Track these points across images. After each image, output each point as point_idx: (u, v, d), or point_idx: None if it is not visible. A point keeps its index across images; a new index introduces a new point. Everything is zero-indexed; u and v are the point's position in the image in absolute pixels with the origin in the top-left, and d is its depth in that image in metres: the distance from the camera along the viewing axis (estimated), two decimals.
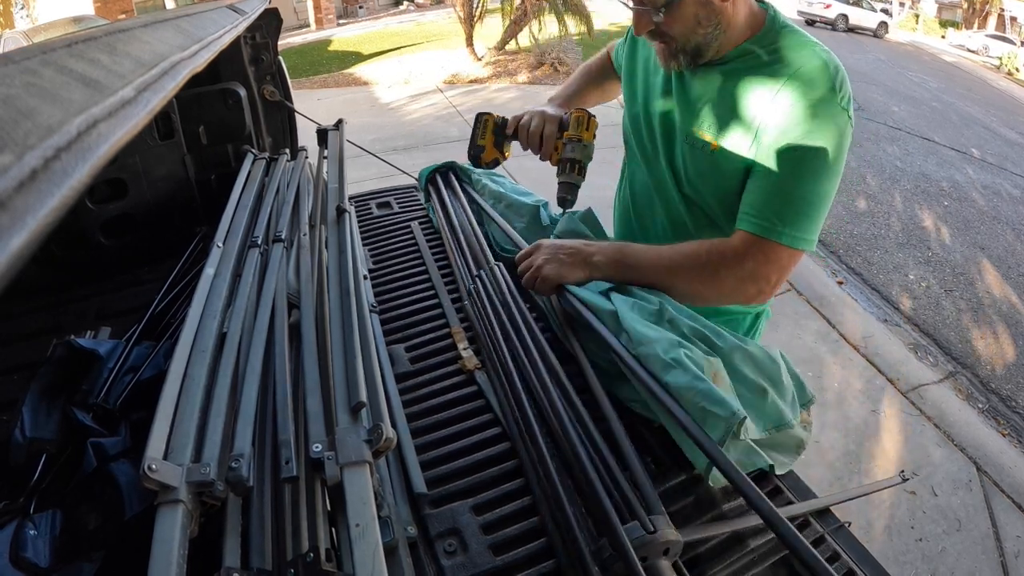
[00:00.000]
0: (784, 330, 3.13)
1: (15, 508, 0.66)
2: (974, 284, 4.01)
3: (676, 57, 0.96)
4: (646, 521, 0.63)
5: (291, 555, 0.54)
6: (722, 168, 0.96)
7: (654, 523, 0.63)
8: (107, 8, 11.85)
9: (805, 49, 0.91)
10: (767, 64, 0.92)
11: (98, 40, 0.41)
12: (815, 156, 0.87)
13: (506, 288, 1.03)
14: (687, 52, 0.95)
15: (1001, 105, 10.64)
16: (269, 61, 1.51)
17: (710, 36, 0.93)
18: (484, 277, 1.08)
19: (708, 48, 0.94)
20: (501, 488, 0.78)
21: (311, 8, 15.06)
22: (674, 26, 0.91)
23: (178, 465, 0.54)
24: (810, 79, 0.88)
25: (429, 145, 5.44)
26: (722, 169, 0.96)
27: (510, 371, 0.89)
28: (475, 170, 1.47)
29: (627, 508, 0.66)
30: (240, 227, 1.00)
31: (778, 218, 0.87)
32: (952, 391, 2.89)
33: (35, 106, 0.27)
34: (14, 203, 0.21)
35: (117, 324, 0.98)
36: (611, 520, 0.64)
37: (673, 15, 0.90)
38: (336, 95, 7.85)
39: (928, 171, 5.90)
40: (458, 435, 0.86)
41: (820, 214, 0.89)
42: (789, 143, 0.87)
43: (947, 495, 2.27)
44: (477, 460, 0.82)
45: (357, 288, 0.82)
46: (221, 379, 0.67)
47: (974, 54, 18.98)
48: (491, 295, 1.04)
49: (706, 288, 0.95)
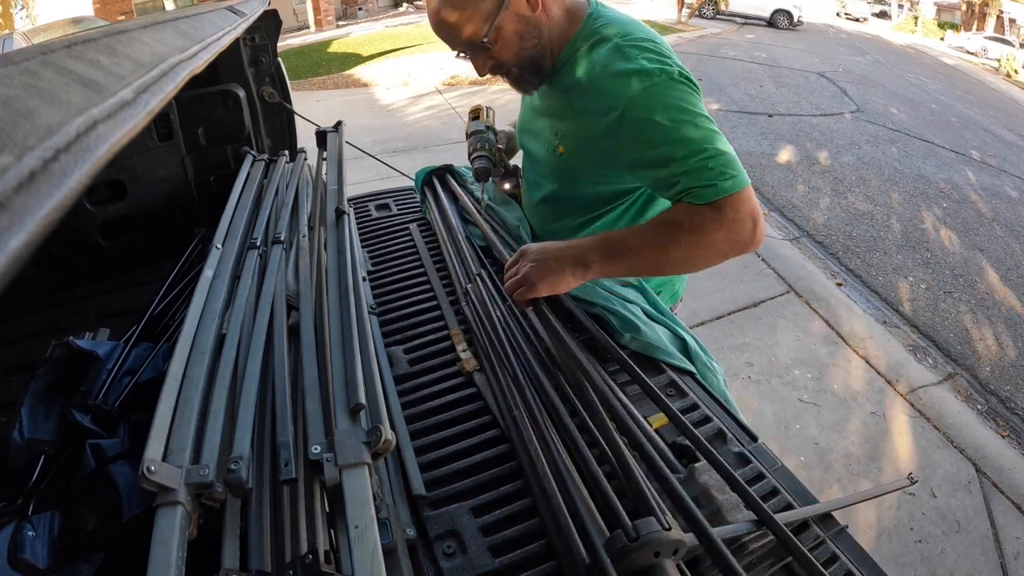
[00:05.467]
0: (783, 332, 3.13)
1: (14, 509, 0.65)
2: (973, 286, 4.01)
3: (524, 81, 1.02)
4: (661, 518, 0.64)
5: (290, 557, 0.54)
6: (573, 170, 1.05)
7: (668, 521, 0.64)
8: (106, 9, 11.85)
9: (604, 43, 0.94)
10: (587, 64, 0.96)
11: (97, 41, 0.41)
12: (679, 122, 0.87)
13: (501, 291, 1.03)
14: (528, 70, 1.00)
15: (1000, 107, 10.65)
16: (268, 63, 1.52)
17: (537, 47, 0.97)
18: (483, 278, 1.09)
19: (542, 59, 1.00)
20: (500, 490, 0.78)
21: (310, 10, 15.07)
22: (504, 52, 0.96)
23: (177, 467, 0.54)
24: (619, 68, 0.90)
25: (428, 147, 5.44)
26: (574, 171, 1.05)
27: (510, 372, 0.89)
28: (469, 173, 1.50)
29: (643, 504, 0.66)
30: (239, 228, 1.00)
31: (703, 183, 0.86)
32: (951, 392, 2.89)
33: (34, 107, 0.27)
34: (13, 204, 0.21)
35: (116, 325, 0.98)
36: (621, 515, 0.64)
37: (499, 43, 0.94)
38: (335, 97, 7.86)
39: (927, 173, 5.91)
40: (457, 437, 0.86)
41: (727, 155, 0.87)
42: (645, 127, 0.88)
43: (946, 496, 2.27)
44: (476, 462, 0.82)
45: (356, 290, 0.82)
46: (220, 380, 0.67)
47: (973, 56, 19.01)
48: (484, 299, 1.04)
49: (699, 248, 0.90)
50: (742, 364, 2.86)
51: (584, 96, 0.96)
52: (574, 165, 1.05)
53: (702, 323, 3.10)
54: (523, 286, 0.96)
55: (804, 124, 6.84)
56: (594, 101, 0.94)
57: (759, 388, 2.72)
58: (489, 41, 0.93)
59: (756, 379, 2.78)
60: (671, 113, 0.87)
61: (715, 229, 0.88)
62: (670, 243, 0.91)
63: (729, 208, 0.86)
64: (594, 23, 0.98)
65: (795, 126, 6.74)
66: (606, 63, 0.92)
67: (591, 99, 0.95)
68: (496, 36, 0.93)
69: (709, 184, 0.86)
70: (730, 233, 0.88)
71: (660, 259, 0.93)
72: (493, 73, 1.02)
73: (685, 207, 0.89)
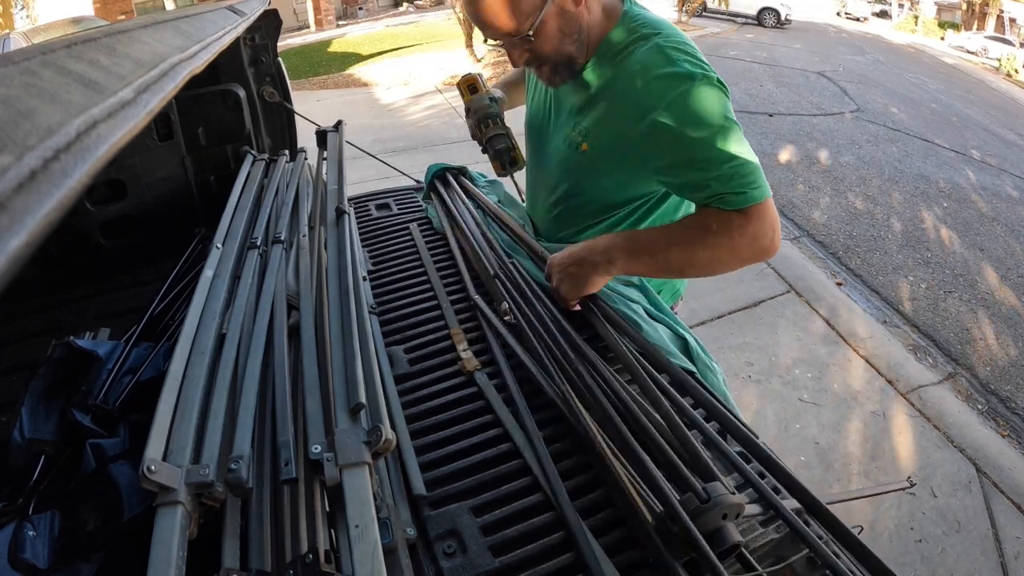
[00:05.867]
0: (784, 331, 3.13)
1: (14, 509, 0.66)
2: (974, 285, 4.01)
3: (557, 74, 1.02)
4: (726, 483, 0.67)
5: (290, 556, 0.54)
6: (597, 168, 1.05)
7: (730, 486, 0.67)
8: (107, 9, 11.85)
9: (646, 42, 0.94)
10: (624, 64, 0.96)
11: (98, 41, 0.41)
12: (713, 128, 0.88)
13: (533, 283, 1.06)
14: (563, 65, 1.00)
15: (1000, 106, 10.64)
16: (268, 62, 1.52)
17: (576, 42, 0.98)
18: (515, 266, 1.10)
19: (579, 54, 1.00)
20: (500, 489, 0.78)
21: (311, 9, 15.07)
22: (544, 45, 0.96)
23: (177, 466, 0.54)
24: (661, 71, 0.91)
25: (429, 146, 5.44)
26: (597, 169, 1.05)
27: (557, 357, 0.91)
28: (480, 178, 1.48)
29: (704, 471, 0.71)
30: (239, 228, 1.00)
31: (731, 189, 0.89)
32: (952, 392, 2.89)
33: (35, 107, 0.27)
34: (13, 204, 0.21)
35: (116, 325, 0.98)
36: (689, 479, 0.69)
37: (541, 36, 0.94)
38: (335, 96, 7.86)
39: (927, 172, 5.90)
40: (457, 436, 0.86)
41: (755, 164, 0.90)
42: (685, 136, 0.89)
43: (947, 496, 2.27)
44: (476, 461, 0.82)
45: (356, 289, 0.82)
46: (220, 380, 0.67)
47: (973, 55, 18.97)
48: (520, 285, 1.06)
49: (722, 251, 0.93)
50: (742, 364, 2.86)
51: (621, 94, 0.96)
52: (598, 164, 1.04)
53: (702, 322, 3.10)
54: (558, 296, 1.00)
55: (804, 123, 6.84)
56: (632, 100, 0.94)
57: (759, 388, 2.72)
58: (532, 34, 0.93)
59: (756, 379, 2.78)
60: (710, 118, 0.89)
61: (740, 235, 0.90)
62: (696, 245, 0.93)
63: (755, 215, 0.90)
64: (632, 22, 0.98)
65: (795, 125, 6.73)
66: (648, 63, 0.92)
67: (629, 97, 0.94)
68: (539, 30, 0.93)
69: (740, 191, 0.88)
70: (753, 240, 0.91)
71: (684, 260, 0.96)
72: (528, 65, 1.02)
73: (712, 212, 0.92)
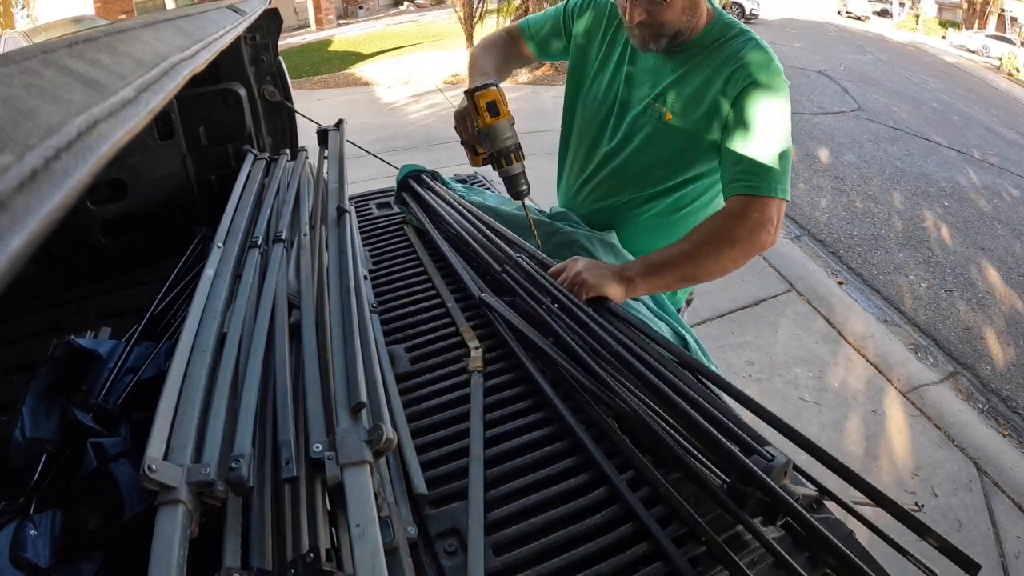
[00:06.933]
0: (784, 330, 3.13)
1: (15, 508, 0.66)
2: (975, 284, 4.01)
3: (657, 40, 1.10)
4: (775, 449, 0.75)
5: (291, 555, 0.54)
6: (671, 137, 1.14)
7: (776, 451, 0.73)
8: (107, 8, 11.85)
9: (747, 36, 1.09)
10: (722, 50, 1.09)
11: (98, 40, 0.41)
12: (778, 123, 1.04)
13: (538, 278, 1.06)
14: (668, 37, 1.09)
15: (1002, 105, 10.63)
16: (269, 61, 1.51)
17: (690, 23, 1.09)
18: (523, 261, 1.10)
19: (685, 34, 1.10)
20: (501, 489, 0.78)
21: (311, 8, 15.06)
22: (667, 14, 1.06)
23: (178, 465, 0.54)
24: (759, 61, 1.05)
25: (430, 145, 5.44)
26: (671, 138, 1.14)
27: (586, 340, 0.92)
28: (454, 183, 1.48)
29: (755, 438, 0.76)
30: (240, 227, 1.00)
31: (764, 177, 1.02)
32: (952, 391, 2.89)
33: (35, 106, 0.27)
34: (14, 203, 0.21)
35: (117, 324, 0.97)
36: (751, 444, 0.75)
37: (671, 4, 1.04)
38: (336, 95, 7.85)
39: (929, 171, 5.90)
40: (459, 435, 0.86)
41: (789, 167, 1.05)
42: (756, 116, 1.03)
43: (947, 495, 2.27)
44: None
45: (357, 288, 0.82)
46: (221, 379, 0.67)
47: (974, 54, 18.94)
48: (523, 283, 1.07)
49: (732, 252, 1.03)
50: (743, 363, 2.86)
51: (716, 73, 1.08)
52: (674, 133, 1.13)
53: (703, 321, 3.10)
54: (576, 285, 1.03)
55: (805, 122, 6.83)
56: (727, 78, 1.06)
57: (760, 387, 2.72)
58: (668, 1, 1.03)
59: (757, 378, 2.78)
60: (782, 110, 1.05)
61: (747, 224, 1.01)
62: (707, 245, 1.02)
63: (774, 208, 1.01)
64: (726, 19, 1.13)
65: (796, 124, 6.59)
66: (748, 50, 1.06)
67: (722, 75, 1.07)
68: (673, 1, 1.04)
69: (770, 182, 1.01)
70: (755, 232, 1.01)
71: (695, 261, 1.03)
72: (639, 26, 1.08)
73: (730, 205, 1.03)
